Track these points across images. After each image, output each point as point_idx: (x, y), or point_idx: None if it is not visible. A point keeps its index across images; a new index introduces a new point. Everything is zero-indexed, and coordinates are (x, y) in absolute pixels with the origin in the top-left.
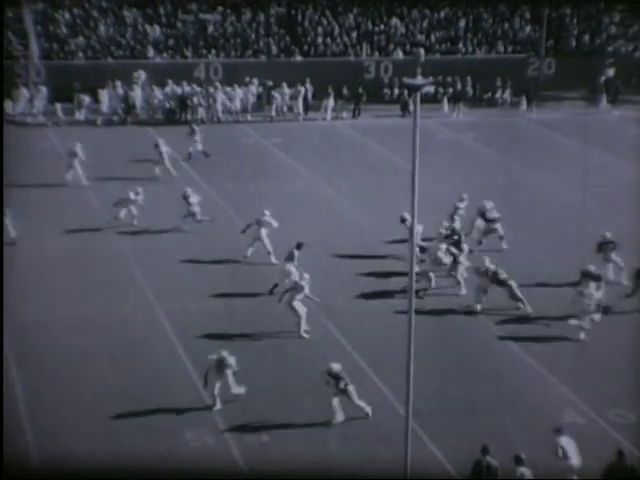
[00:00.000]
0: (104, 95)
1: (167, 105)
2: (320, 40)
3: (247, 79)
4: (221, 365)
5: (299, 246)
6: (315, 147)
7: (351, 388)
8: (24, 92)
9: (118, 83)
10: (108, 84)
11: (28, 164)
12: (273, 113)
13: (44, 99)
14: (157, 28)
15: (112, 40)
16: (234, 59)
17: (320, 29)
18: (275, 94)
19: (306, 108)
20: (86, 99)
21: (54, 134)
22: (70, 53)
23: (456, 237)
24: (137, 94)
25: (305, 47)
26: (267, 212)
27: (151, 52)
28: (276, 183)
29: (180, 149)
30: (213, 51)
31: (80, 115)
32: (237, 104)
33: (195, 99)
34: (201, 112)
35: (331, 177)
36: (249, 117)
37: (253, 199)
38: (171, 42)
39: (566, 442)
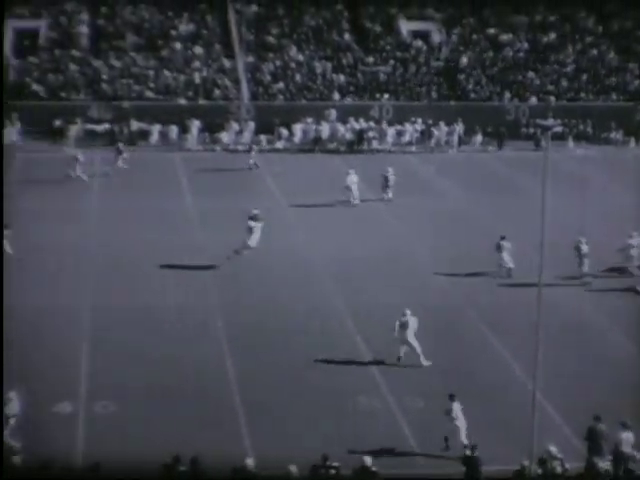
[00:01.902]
0: (298, 129)
1: (348, 137)
2: (470, 87)
3: (412, 119)
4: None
5: None
6: (466, 173)
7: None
8: (234, 126)
9: (309, 119)
10: (301, 120)
11: (238, 181)
12: (432, 145)
13: (251, 131)
14: (341, 77)
15: (305, 86)
16: (402, 102)
17: (471, 79)
18: (434, 130)
19: (459, 142)
20: (284, 132)
21: (259, 158)
22: (272, 95)
23: None
24: (325, 128)
25: (458, 93)
26: None
27: (336, 95)
28: (426, 200)
29: (363, 174)
30: (385, 95)
31: (279, 144)
32: (406, 137)
33: (370, 133)
34: (375, 144)
35: (476, 197)
36: (413, 149)
37: (415, 213)
38: (352, 88)
39: (457, 407)
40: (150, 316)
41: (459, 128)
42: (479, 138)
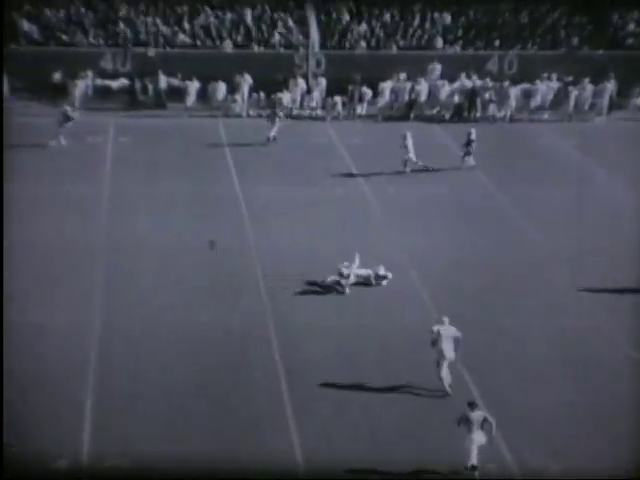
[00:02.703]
0: (386, 88)
1: (455, 100)
2: (629, 30)
3: (545, 74)
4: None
5: None
6: (620, 149)
7: None
8: (300, 83)
9: (402, 76)
10: (391, 76)
11: (304, 159)
12: (572, 110)
13: (322, 91)
14: (447, 16)
15: (397, 29)
16: (530, 52)
17: (629, 19)
18: (575, 90)
19: (610, 106)
20: (367, 92)
21: (332, 129)
22: (352, 43)
23: None
24: (423, 88)
25: (610, 38)
26: None
27: (439, 42)
28: (568, 188)
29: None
30: (507, 43)
31: (360, 108)
32: (537, 100)
33: (487, 95)
34: (492, 109)
35: (636, 184)
36: (546, 115)
37: (542, 203)
38: (461, 32)
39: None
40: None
41: (611, 87)
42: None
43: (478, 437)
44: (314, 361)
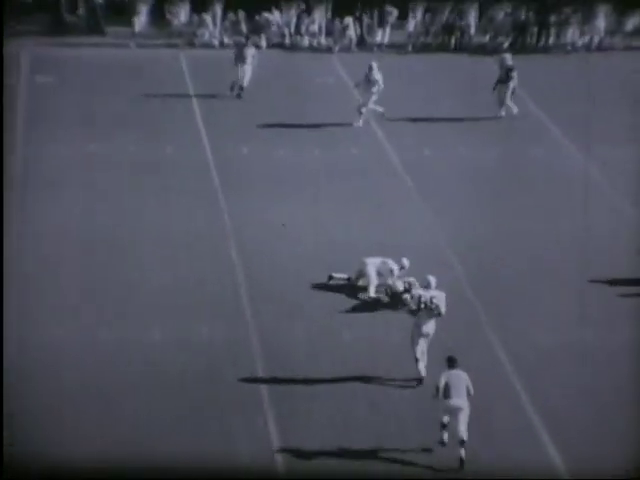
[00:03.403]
0: (417, 6)
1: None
2: None
3: None
4: None
5: None
6: None
7: None
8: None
9: None
10: None
11: (301, 107)
12: None
13: (328, 11)
14: None
15: None
16: None
17: None
18: None
19: None
20: (392, 11)
21: (341, 64)
22: None
23: None
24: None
25: None
26: None
27: None
28: None
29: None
30: None
31: (382, 36)
32: (637, 20)
33: (562, 13)
34: (571, 33)
35: None
36: None
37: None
38: None
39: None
40: None
41: None
42: None
43: (458, 403)
44: None
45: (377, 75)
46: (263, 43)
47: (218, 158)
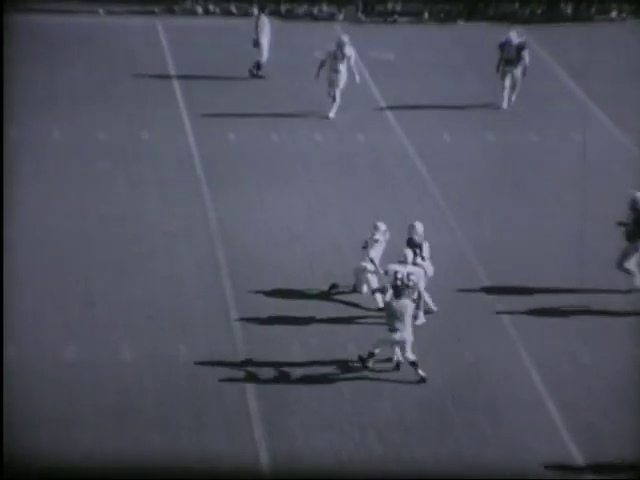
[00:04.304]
0: None
1: None
2: None
3: None
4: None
5: None
6: None
7: None
8: None
9: None
10: None
11: (299, 85)
12: None
13: None
14: None
15: None
16: None
17: None
18: None
19: None
20: None
21: (347, 35)
22: None
23: None
24: None
25: None
26: None
27: None
28: None
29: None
30: None
31: (393, 2)
32: None
33: None
34: None
35: None
36: None
37: None
38: None
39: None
40: None
41: None
42: None
43: (401, 306)
44: None
45: (349, 50)
46: (254, 10)
47: (202, 145)
